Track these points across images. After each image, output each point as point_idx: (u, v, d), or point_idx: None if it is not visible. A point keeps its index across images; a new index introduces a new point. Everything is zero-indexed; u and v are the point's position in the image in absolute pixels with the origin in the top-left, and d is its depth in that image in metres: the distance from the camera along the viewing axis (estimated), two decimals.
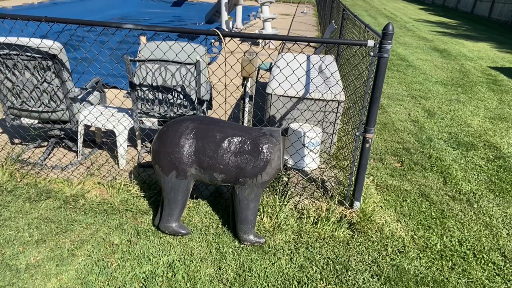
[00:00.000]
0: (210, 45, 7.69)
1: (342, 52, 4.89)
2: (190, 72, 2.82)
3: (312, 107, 3.20)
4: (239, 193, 2.16)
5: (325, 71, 3.54)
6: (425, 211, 2.78)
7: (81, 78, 2.76)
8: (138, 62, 2.80)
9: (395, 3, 25.36)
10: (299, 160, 3.09)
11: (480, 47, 10.27)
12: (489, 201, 2.97)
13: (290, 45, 7.71)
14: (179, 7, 14.02)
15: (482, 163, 3.59)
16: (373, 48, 2.19)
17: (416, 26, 13.78)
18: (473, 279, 2.17)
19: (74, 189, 2.70)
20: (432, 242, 2.45)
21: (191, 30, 2.26)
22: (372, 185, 3.05)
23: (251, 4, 17.60)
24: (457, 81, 6.52)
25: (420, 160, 3.57)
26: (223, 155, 2.07)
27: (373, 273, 2.15)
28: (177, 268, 2.10)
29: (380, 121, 4.49)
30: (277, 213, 2.51)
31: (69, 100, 2.86)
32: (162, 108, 2.96)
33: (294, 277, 2.09)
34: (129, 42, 2.59)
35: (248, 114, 2.92)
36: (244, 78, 2.78)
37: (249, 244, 2.28)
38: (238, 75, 2.75)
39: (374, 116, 2.33)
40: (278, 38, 2.40)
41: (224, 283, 2.02)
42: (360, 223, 2.46)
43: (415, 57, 8.36)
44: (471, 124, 4.57)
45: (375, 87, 2.25)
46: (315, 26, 12.41)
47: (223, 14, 9.21)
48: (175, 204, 2.21)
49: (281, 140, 2.11)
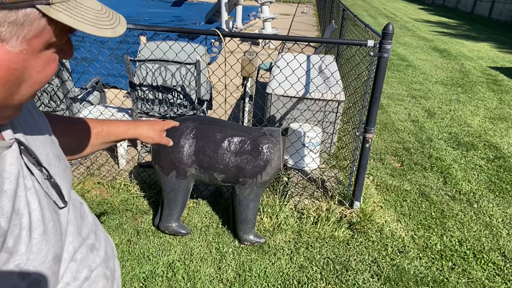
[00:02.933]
0: (210, 45, 7.69)
1: (342, 52, 4.89)
2: (190, 72, 2.82)
3: (312, 107, 3.20)
4: (239, 193, 2.16)
5: (325, 71, 3.54)
6: (425, 211, 2.78)
7: (81, 78, 2.76)
8: (138, 62, 2.80)
9: (395, 3, 25.37)
10: (299, 160, 3.09)
11: (480, 47, 10.27)
12: (489, 201, 2.97)
13: (290, 45, 7.71)
14: (179, 7, 14.02)
15: (482, 163, 3.59)
16: (373, 48, 2.19)
17: (416, 26, 13.78)
18: (473, 279, 2.17)
19: (74, 189, 2.70)
20: (432, 242, 2.45)
21: (191, 30, 2.26)
22: (372, 185, 3.05)
23: (251, 4, 17.60)
24: (457, 81, 6.52)
25: (420, 160, 3.57)
26: (223, 155, 2.07)
27: (373, 273, 2.15)
28: (177, 268, 2.10)
29: (380, 121, 4.49)
30: (277, 213, 2.51)
31: (69, 100, 2.86)
32: (162, 108, 2.96)
33: (294, 277, 2.09)
34: (129, 42, 2.59)
35: (248, 114, 2.92)
36: (244, 78, 2.78)
37: (249, 244, 2.28)
38: (238, 75, 2.75)
39: (374, 116, 2.33)
40: (278, 38, 2.40)
41: (224, 283, 2.02)
42: (360, 223, 2.46)
43: (415, 57, 8.36)
44: (471, 124, 4.57)
45: (375, 87, 2.25)
46: (315, 26, 12.41)
47: (223, 14, 9.21)
48: (175, 204, 2.21)
49: (281, 140, 2.11)
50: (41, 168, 0.60)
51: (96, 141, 0.93)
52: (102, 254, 0.74)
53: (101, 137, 0.93)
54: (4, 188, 0.51)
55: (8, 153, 0.54)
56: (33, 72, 0.51)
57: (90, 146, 0.92)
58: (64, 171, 0.68)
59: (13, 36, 0.46)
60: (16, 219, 0.53)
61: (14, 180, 0.53)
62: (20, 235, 0.53)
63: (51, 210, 0.60)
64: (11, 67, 0.47)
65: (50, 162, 0.64)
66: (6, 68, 0.47)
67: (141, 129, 1.01)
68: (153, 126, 1.04)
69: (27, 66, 0.49)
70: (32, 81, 0.51)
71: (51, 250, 0.58)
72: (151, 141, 1.03)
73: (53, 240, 0.58)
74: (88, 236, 0.71)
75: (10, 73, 0.48)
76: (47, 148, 0.65)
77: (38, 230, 0.55)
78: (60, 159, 0.69)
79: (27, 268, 0.53)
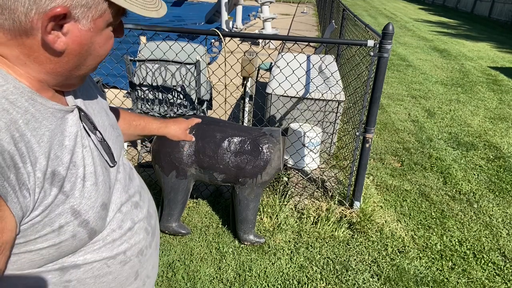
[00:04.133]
0: (210, 45, 7.69)
1: (342, 52, 4.89)
2: (190, 72, 2.82)
3: (312, 107, 3.20)
4: (239, 193, 2.16)
5: (325, 71, 3.54)
6: (425, 211, 2.78)
7: None
8: (138, 62, 2.80)
9: (395, 3, 25.37)
10: (299, 160, 3.09)
11: (480, 47, 10.27)
12: (489, 201, 2.97)
13: (290, 45, 7.71)
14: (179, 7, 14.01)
15: (482, 163, 3.59)
16: (373, 48, 2.19)
17: (416, 26, 13.78)
18: (473, 279, 2.17)
19: None
20: (432, 242, 2.45)
21: (191, 30, 2.26)
22: (372, 185, 3.05)
23: (251, 4, 17.60)
24: (457, 81, 6.52)
25: (420, 160, 3.57)
26: (223, 155, 2.07)
27: (373, 273, 2.15)
28: (177, 268, 2.10)
29: (380, 121, 4.49)
30: (277, 213, 2.51)
31: None
32: (162, 108, 2.96)
33: (294, 277, 2.09)
34: (129, 42, 2.58)
35: (248, 114, 2.92)
36: (244, 78, 2.78)
37: (249, 244, 2.28)
38: (238, 75, 2.75)
39: (374, 116, 2.33)
40: (278, 38, 2.40)
41: (224, 283, 2.02)
42: (360, 223, 2.46)
43: (415, 57, 8.36)
44: (471, 124, 4.57)
45: (375, 87, 2.25)
46: (315, 26, 12.41)
47: (223, 14, 9.21)
48: (175, 204, 2.21)
49: (281, 140, 2.11)
50: (95, 131, 0.72)
51: (134, 132, 1.09)
52: (144, 212, 0.85)
53: (138, 129, 1.10)
54: (65, 143, 0.64)
55: (70, 116, 0.66)
56: (97, 46, 0.63)
57: (127, 135, 1.08)
58: (116, 138, 0.81)
59: (84, 17, 0.58)
60: (73, 169, 0.64)
61: (73, 138, 0.65)
62: (76, 183, 0.64)
63: (102, 166, 0.72)
64: (82, 42, 0.60)
65: (105, 129, 0.77)
66: (78, 43, 0.59)
67: (170, 128, 1.20)
68: (180, 125, 1.23)
69: (93, 42, 0.62)
70: (96, 54, 0.64)
71: (100, 198, 0.69)
72: (177, 139, 1.22)
73: (102, 190, 0.70)
74: (134, 194, 0.83)
75: (81, 47, 0.60)
76: (103, 117, 0.78)
77: (90, 180, 0.67)
78: (114, 128, 0.82)
79: (79, 209, 0.64)
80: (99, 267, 0.72)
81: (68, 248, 0.65)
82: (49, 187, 0.59)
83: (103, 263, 0.73)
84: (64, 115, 0.65)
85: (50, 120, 0.61)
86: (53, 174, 0.60)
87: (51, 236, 0.61)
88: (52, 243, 0.62)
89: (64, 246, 0.64)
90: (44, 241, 0.61)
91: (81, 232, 0.66)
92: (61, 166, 0.62)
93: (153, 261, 0.89)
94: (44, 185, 0.59)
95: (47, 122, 0.61)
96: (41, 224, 0.59)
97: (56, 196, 0.61)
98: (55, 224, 0.61)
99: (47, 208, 0.59)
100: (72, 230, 0.64)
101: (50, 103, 0.62)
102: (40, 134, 0.59)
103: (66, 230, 0.63)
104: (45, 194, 0.59)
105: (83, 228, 0.66)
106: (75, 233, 0.64)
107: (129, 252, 0.78)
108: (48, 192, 0.59)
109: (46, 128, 0.60)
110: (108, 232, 0.73)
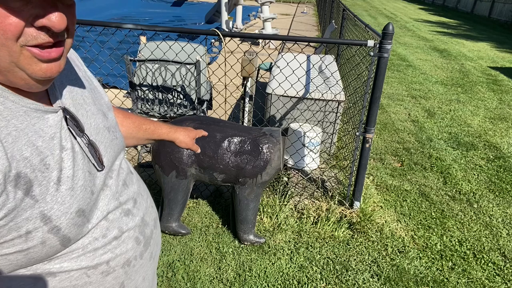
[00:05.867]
0: (210, 45, 7.69)
1: (342, 52, 4.89)
2: (190, 72, 2.82)
3: (312, 107, 3.20)
4: (239, 193, 2.16)
5: (325, 71, 3.54)
6: (425, 211, 2.78)
7: None
8: (138, 62, 2.80)
9: (395, 3, 25.37)
10: (299, 160, 3.09)
11: (480, 47, 10.27)
12: (489, 201, 2.97)
13: (290, 45, 7.71)
14: (179, 7, 14.02)
15: (482, 163, 3.59)
16: (373, 48, 2.19)
17: (416, 26, 13.78)
18: (473, 279, 2.17)
19: None
20: (432, 242, 2.45)
21: (191, 30, 2.26)
22: (372, 185, 3.05)
23: (251, 4, 17.59)
24: (457, 81, 6.52)
25: (420, 160, 3.57)
26: (223, 155, 2.07)
27: (373, 273, 2.15)
28: (177, 268, 2.10)
29: (380, 121, 4.49)
30: (277, 213, 2.51)
31: None
32: (162, 108, 2.96)
33: (294, 277, 2.09)
34: (129, 42, 2.59)
35: (248, 114, 2.92)
36: (244, 78, 2.78)
37: (249, 244, 2.28)
38: (238, 75, 2.75)
39: (374, 116, 2.33)
40: (278, 38, 2.40)
41: (224, 283, 2.02)
42: (360, 223, 2.46)
43: (415, 57, 8.36)
44: (471, 124, 4.57)
45: (375, 87, 2.25)
46: (315, 26, 12.41)
47: (223, 14, 9.21)
48: (175, 204, 2.21)
49: (281, 140, 2.11)
50: (82, 134, 0.70)
51: (143, 136, 1.08)
52: (137, 220, 0.81)
53: (148, 133, 1.09)
54: (38, 144, 0.60)
55: (51, 117, 0.63)
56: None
57: (136, 139, 1.07)
58: (111, 141, 0.78)
59: None
60: (46, 172, 0.60)
61: (48, 139, 0.62)
62: (48, 186, 0.61)
63: (85, 171, 0.68)
64: None
65: (98, 132, 0.74)
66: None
67: (178, 134, 1.19)
68: (188, 133, 1.22)
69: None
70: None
71: (75, 204, 0.65)
72: (185, 146, 1.20)
73: (80, 196, 0.66)
74: (126, 201, 0.79)
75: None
76: (98, 120, 0.75)
77: (66, 184, 0.63)
78: (111, 131, 0.79)
79: (50, 215, 0.61)
80: (77, 276, 0.69)
81: (38, 255, 0.62)
82: (13, 189, 0.56)
83: (82, 273, 0.70)
84: (42, 115, 0.62)
85: (21, 119, 0.59)
86: (18, 176, 0.56)
87: (18, 242, 0.58)
88: (19, 249, 0.59)
89: (33, 252, 0.61)
90: (11, 246, 0.58)
91: (51, 238, 0.62)
92: (29, 168, 0.58)
93: (144, 272, 0.83)
94: (6, 187, 0.55)
95: (17, 121, 0.58)
96: (6, 229, 0.56)
97: (22, 200, 0.57)
98: (22, 229, 0.58)
99: (11, 212, 0.56)
100: (41, 236, 0.60)
101: (24, 102, 0.60)
102: (4, 133, 0.56)
103: (35, 236, 0.59)
104: (7, 197, 0.55)
105: (54, 235, 0.62)
106: (44, 239, 0.61)
107: (112, 262, 0.74)
108: (11, 195, 0.56)
109: (13, 127, 0.57)
110: (89, 241, 0.69)
